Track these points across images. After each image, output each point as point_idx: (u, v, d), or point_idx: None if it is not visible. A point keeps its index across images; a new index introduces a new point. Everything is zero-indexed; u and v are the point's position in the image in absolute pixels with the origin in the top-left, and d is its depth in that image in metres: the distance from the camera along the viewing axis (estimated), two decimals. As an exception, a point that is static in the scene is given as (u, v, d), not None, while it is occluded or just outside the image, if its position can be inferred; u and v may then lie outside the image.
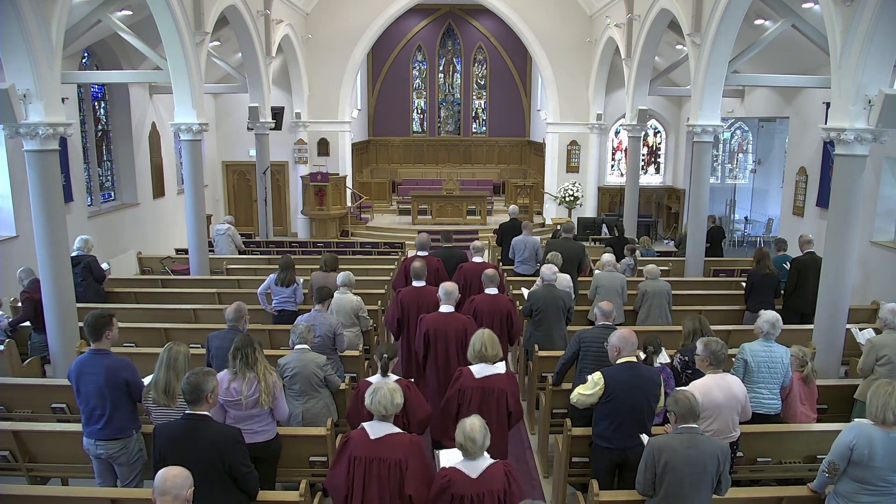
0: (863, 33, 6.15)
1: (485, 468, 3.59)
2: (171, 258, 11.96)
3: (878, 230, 10.08)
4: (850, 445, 3.88)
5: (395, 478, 3.78)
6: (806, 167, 12.36)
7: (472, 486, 3.55)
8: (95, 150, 12.71)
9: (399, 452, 3.81)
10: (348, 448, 3.90)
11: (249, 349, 4.58)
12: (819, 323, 6.99)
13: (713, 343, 4.69)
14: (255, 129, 14.17)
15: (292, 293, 7.66)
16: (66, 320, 6.92)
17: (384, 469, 3.81)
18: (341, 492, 3.91)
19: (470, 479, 3.57)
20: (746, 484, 5.18)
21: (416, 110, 24.01)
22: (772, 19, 10.51)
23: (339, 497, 3.94)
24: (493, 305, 6.39)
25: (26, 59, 6.31)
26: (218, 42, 13.84)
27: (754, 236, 16.07)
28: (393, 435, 3.87)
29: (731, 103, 14.88)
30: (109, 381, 4.50)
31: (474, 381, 4.75)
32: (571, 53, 17.06)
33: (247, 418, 4.53)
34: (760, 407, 5.26)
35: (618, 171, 18.61)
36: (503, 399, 4.74)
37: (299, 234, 17.30)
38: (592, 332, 5.48)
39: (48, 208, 6.70)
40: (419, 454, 3.88)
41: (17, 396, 5.92)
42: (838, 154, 6.67)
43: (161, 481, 3.17)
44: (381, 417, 3.89)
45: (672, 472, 3.81)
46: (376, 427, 3.89)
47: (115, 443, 4.60)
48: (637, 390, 4.55)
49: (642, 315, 7.90)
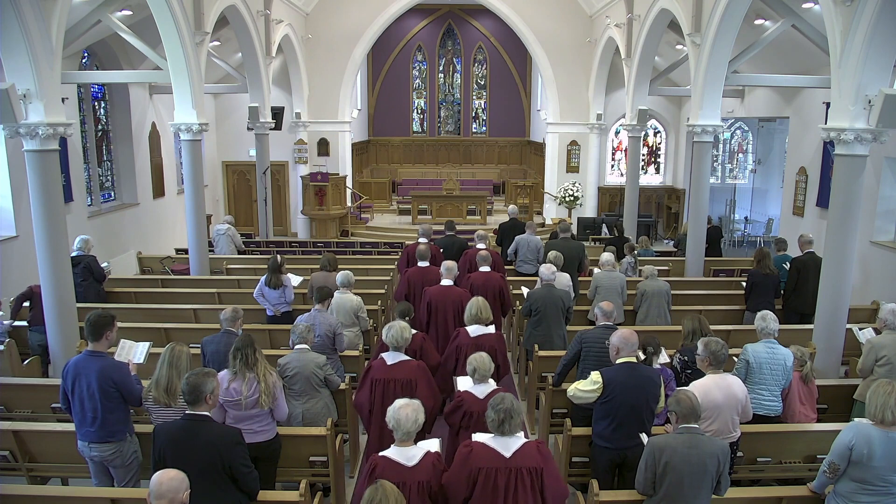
0: (863, 33, 6.14)
1: (490, 391, 4.46)
2: (171, 258, 11.96)
3: (878, 230, 10.07)
4: (849, 445, 3.88)
5: (407, 394, 4.63)
6: (806, 167, 12.36)
7: (479, 404, 4.40)
8: (95, 150, 12.71)
9: (410, 374, 4.92)
10: (370, 373, 4.99)
11: (249, 349, 4.59)
12: (819, 323, 6.99)
13: (713, 343, 4.69)
14: (255, 129, 14.18)
15: (281, 293, 7.66)
16: (66, 320, 6.92)
17: (398, 388, 4.83)
18: (365, 407, 5.01)
19: (478, 399, 4.48)
20: (746, 484, 5.18)
21: (416, 110, 24.01)
22: (772, 19, 10.51)
23: (364, 412, 5.05)
24: (485, 281, 7.31)
25: (26, 59, 6.31)
26: (218, 42, 13.85)
27: (754, 236, 16.06)
28: (404, 361, 5.00)
29: (731, 103, 14.89)
30: (101, 383, 4.48)
31: (469, 339, 5.64)
32: (571, 53, 17.07)
33: (247, 418, 4.54)
34: (761, 408, 5.26)
35: (618, 171, 18.61)
36: (493, 353, 5.37)
37: (299, 234, 17.30)
38: (594, 332, 5.48)
39: (48, 208, 6.70)
40: (425, 375, 5.02)
41: (17, 396, 5.92)
42: (838, 154, 6.67)
43: (157, 485, 3.16)
44: (394, 348, 5.00)
45: (672, 472, 3.81)
46: (392, 356, 5.01)
47: (109, 445, 4.59)
48: (637, 390, 4.55)
49: (641, 315, 7.90)
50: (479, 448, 3.76)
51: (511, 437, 3.76)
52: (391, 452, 3.74)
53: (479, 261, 7.50)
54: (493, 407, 3.80)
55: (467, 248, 8.92)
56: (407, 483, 3.65)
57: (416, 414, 3.75)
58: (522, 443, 3.77)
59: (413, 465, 3.70)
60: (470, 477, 3.69)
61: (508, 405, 3.76)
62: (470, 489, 3.69)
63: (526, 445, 3.77)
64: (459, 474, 3.71)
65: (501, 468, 3.70)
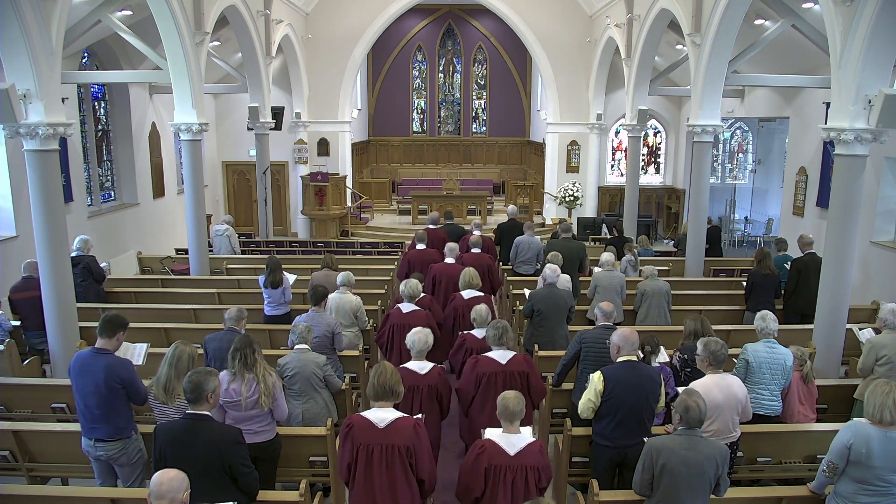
0: (863, 33, 6.14)
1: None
2: (171, 258, 11.96)
3: (878, 230, 10.07)
4: (847, 445, 3.88)
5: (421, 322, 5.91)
6: (806, 167, 12.36)
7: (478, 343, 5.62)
8: (95, 150, 12.71)
9: (420, 320, 6.11)
10: (390, 319, 6.44)
11: (249, 350, 4.58)
12: (819, 323, 6.98)
13: (713, 343, 4.69)
14: (255, 129, 14.17)
15: (281, 294, 7.67)
16: (66, 320, 6.92)
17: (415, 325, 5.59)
18: (385, 343, 6.42)
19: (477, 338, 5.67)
20: (746, 484, 5.18)
21: (416, 110, 24.01)
22: (772, 19, 10.51)
23: (384, 347, 6.45)
24: (477, 260, 8.51)
25: (26, 59, 6.31)
26: (218, 42, 13.84)
27: (754, 236, 16.05)
28: (416, 310, 6.43)
29: (731, 103, 14.88)
30: (108, 381, 4.50)
31: (464, 301, 6.91)
32: (571, 53, 17.06)
33: (246, 419, 4.53)
34: (761, 408, 5.26)
35: (618, 171, 18.61)
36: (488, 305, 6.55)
37: (299, 234, 17.30)
38: (593, 332, 5.48)
39: (48, 208, 6.70)
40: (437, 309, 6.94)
41: (17, 396, 5.92)
42: (838, 154, 6.67)
43: (157, 485, 3.16)
44: (408, 299, 6.49)
45: (669, 474, 3.80)
46: (406, 306, 6.45)
47: (115, 444, 4.60)
48: (637, 388, 4.55)
49: (641, 315, 7.90)
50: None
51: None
52: (409, 364, 4.99)
53: (472, 244, 8.89)
54: (492, 327, 5.22)
55: (465, 233, 10.27)
56: (420, 386, 4.90)
57: (427, 337, 5.08)
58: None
59: (424, 373, 4.95)
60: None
61: (504, 324, 5.24)
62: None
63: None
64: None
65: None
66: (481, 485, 3.94)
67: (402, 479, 3.94)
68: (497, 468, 3.93)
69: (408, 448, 3.93)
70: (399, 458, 3.92)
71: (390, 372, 4.09)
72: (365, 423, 3.97)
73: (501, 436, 4.01)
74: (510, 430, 4.00)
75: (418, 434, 3.97)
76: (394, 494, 3.92)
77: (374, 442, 3.92)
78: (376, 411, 4.03)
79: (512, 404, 3.97)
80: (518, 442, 3.98)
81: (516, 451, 3.94)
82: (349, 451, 3.96)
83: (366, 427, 3.95)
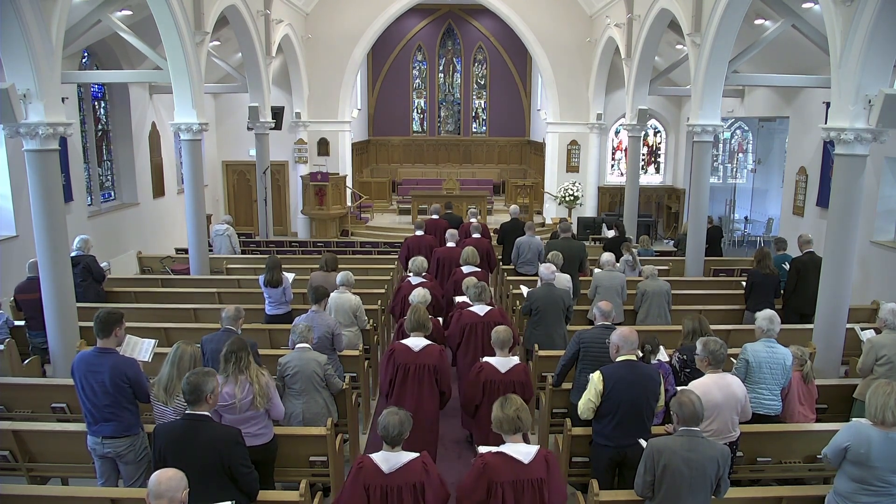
0: (863, 33, 6.14)
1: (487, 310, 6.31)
2: (171, 258, 11.95)
3: (878, 230, 10.07)
4: (843, 446, 3.89)
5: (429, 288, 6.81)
6: (806, 167, 12.36)
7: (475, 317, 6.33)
8: (95, 149, 12.71)
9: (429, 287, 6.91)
10: (402, 290, 7.31)
11: (242, 352, 4.57)
12: (819, 323, 6.99)
13: (712, 343, 4.69)
14: (255, 129, 14.17)
15: (281, 293, 7.67)
16: (66, 320, 6.91)
17: None
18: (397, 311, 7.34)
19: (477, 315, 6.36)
20: (746, 484, 5.18)
21: (416, 110, 24.00)
22: (772, 19, 10.51)
23: (397, 311, 7.32)
24: (476, 244, 9.23)
25: (26, 59, 6.30)
26: (218, 42, 13.85)
27: (754, 236, 16.05)
28: (422, 282, 7.21)
29: (731, 103, 14.88)
30: (114, 379, 4.51)
31: (463, 275, 7.67)
32: (571, 53, 17.06)
33: (243, 421, 4.51)
34: (761, 407, 5.26)
35: (618, 171, 18.61)
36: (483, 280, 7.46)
37: (299, 234, 17.30)
38: (592, 332, 5.47)
39: (48, 208, 6.69)
40: (437, 286, 7.77)
41: (17, 396, 5.92)
42: (838, 154, 6.67)
43: (155, 484, 3.16)
44: (415, 274, 7.46)
45: (671, 475, 3.80)
46: (415, 279, 7.37)
47: (123, 440, 4.60)
48: (637, 387, 4.55)
49: (641, 315, 7.90)
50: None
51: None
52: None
53: (472, 230, 9.91)
54: (474, 286, 6.41)
55: (463, 222, 11.34)
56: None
57: (426, 294, 6.22)
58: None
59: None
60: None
61: (482, 284, 6.44)
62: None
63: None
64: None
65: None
66: (480, 395, 5.25)
67: (429, 390, 5.27)
68: (492, 382, 5.23)
69: (434, 367, 5.25)
70: (428, 374, 5.24)
71: (422, 311, 5.45)
72: (404, 348, 5.29)
73: (495, 359, 5.29)
74: (501, 355, 5.28)
75: (442, 357, 5.35)
76: (422, 401, 5.20)
77: (410, 361, 5.23)
78: (412, 339, 5.31)
79: (502, 335, 5.29)
80: (507, 364, 5.27)
81: (506, 370, 5.24)
82: (392, 369, 5.23)
83: (404, 351, 5.27)
